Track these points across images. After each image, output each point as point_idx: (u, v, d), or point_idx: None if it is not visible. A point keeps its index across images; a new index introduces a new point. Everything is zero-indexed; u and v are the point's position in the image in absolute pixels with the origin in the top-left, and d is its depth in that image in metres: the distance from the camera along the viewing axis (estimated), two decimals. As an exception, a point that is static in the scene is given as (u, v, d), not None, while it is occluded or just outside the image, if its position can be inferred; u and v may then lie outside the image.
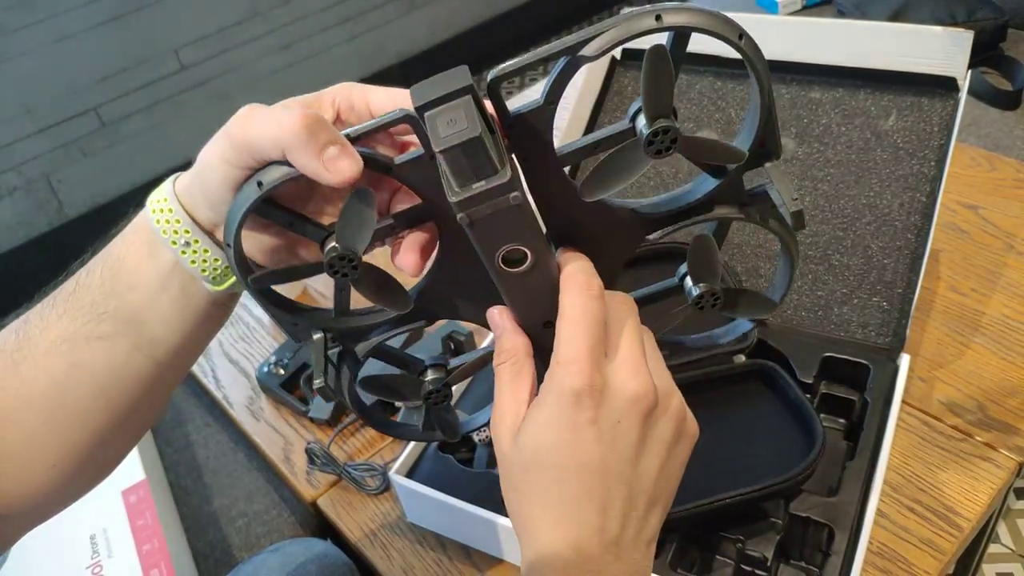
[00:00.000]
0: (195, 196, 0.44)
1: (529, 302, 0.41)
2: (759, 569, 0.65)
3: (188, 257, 0.44)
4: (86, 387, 0.45)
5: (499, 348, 0.41)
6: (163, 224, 0.44)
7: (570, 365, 0.37)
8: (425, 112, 0.35)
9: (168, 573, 0.72)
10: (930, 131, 0.80)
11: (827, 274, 0.80)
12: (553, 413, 0.37)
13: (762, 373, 0.73)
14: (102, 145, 2.34)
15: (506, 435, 0.39)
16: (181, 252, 0.44)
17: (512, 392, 0.40)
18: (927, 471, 0.73)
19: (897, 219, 0.79)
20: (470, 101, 0.35)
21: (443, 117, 0.35)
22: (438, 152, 0.34)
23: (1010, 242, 0.94)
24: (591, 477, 0.37)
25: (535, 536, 0.38)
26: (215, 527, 0.85)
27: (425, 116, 0.35)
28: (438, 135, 0.34)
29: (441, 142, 0.34)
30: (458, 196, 0.35)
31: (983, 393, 0.78)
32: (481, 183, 0.35)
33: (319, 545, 0.78)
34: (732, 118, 0.87)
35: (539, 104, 0.38)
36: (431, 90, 0.35)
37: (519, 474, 0.38)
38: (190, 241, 0.44)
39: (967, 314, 0.86)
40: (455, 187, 0.35)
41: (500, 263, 0.38)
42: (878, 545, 0.68)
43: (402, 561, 0.73)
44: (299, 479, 0.83)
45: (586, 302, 0.39)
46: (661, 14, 0.36)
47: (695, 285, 0.44)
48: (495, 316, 0.42)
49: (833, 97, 0.84)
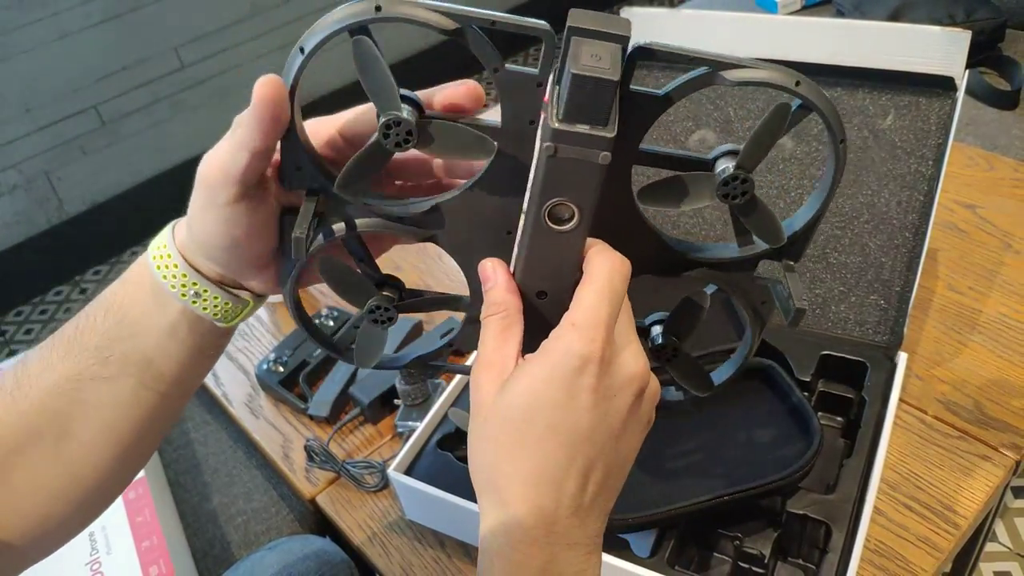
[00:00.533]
0: (193, 251, 0.45)
1: (542, 265, 0.40)
2: (756, 566, 0.65)
3: (199, 306, 0.45)
4: (92, 422, 0.46)
5: (491, 300, 0.41)
6: (170, 279, 0.45)
7: (587, 330, 0.37)
8: (575, 36, 0.35)
9: (167, 570, 0.72)
10: (928, 130, 0.80)
11: (825, 272, 0.81)
12: (555, 371, 0.37)
13: (760, 371, 0.73)
14: (102, 143, 2.34)
15: (490, 385, 0.39)
16: (191, 303, 0.45)
17: (500, 344, 0.40)
18: (924, 469, 0.73)
19: (895, 218, 0.80)
20: (620, 50, 0.35)
21: (590, 48, 0.35)
22: (574, 74, 0.34)
23: (1007, 241, 0.94)
24: (576, 443, 0.38)
25: (504, 492, 0.38)
26: (214, 524, 0.85)
27: (573, 39, 0.35)
28: (579, 61, 0.34)
29: (582, 68, 0.34)
30: (560, 126, 0.35)
31: (980, 391, 0.79)
32: (586, 127, 0.35)
33: (317, 542, 0.78)
34: (730, 117, 0.87)
35: (659, 95, 0.39)
36: (591, 21, 0.35)
37: (499, 424, 0.38)
38: (200, 292, 0.45)
39: (964, 312, 0.86)
40: (560, 115, 0.35)
41: (545, 213, 0.38)
42: (875, 543, 0.68)
43: (401, 558, 0.73)
44: (298, 476, 0.83)
45: (617, 276, 0.39)
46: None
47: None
48: (488, 268, 0.42)
49: (831, 96, 0.84)
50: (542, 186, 0.37)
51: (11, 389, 0.46)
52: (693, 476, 0.68)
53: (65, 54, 2.19)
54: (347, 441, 0.85)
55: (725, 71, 0.38)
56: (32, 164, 2.25)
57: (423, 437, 0.76)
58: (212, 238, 0.43)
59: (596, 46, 0.35)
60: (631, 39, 0.36)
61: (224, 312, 0.46)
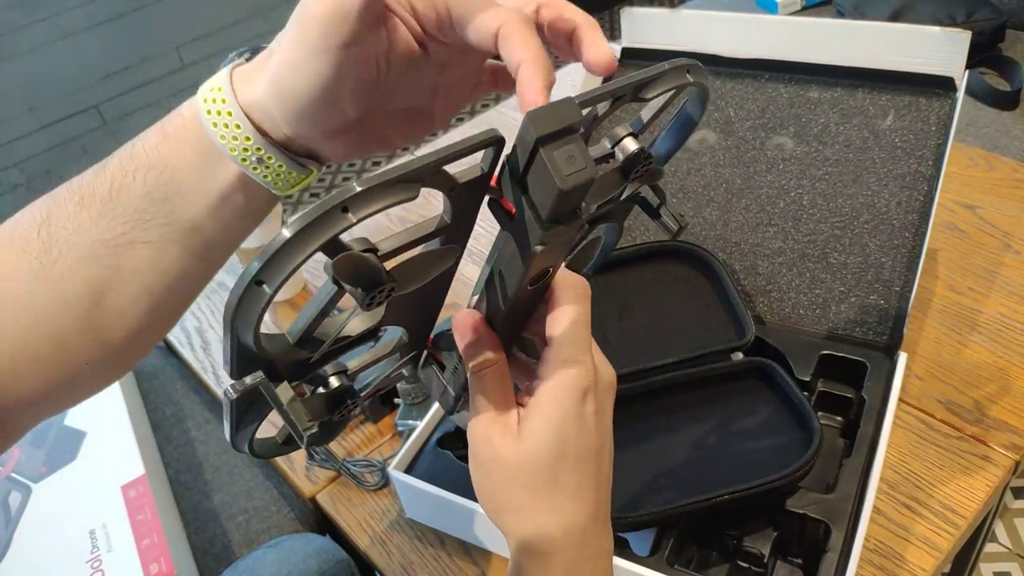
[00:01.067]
0: (268, 111, 0.40)
1: (520, 310, 0.42)
2: (756, 565, 0.65)
3: (260, 173, 0.41)
4: (128, 288, 0.42)
5: (481, 356, 0.41)
6: (229, 140, 0.40)
7: (579, 363, 0.39)
8: (543, 146, 0.34)
9: (167, 568, 0.73)
10: (928, 130, 0.80)
11: (825, 272, 0.81)
12: (565, 409, 0.39)
13: (760, 371, 0.74)
14: (104, 142, 2.34)
15: (503, 437, 0.40)
16: (253, 168, 0.41)
17: (502, 397, 0.41)
18: (924, 469, 0.73)
19: (895, 218, 0.80)
20: (582, 136, 0.35)
21: (561, 153, 0.34)
22: (562, 190, 0.33)
23: (1007, 241, 0.94)
24: (594, 461, 0.40)
25: (546, 528, 0.40)
26: (215, 523, 0.85)
27: (542, 150, 0.34)
28: (561, 173, 0.34)
29: (567, 181, 0.34)
30: (546, 231, 0.35)
31: (980, 391, 0.79)
32: (571, 222, 0.36)
33: (318, 541, 0.78)
34: (730, 117, 0.87)
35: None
36: (549, 120, 0.34)
37: (531, 471, 0.40)
38: (263, 159, 0.41)
39: (964, 313, 0.87)
40: (543, 220, 0.35)
41: (527, 283, 0.39)
42: (874, 542, 0.68)
43: (401, 557, 0.73)
44: (298, 475, 0.83)
45: (584, 299, 0.41)
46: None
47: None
48: (467, 323, 0.41)
49: (831, 96, 0.84)
50: (526, 270, 0.37)
51: (38, 252, 0.42)
52: (693, 475, 0.68)
53: (67, 54, 2.19)
54: (348, 440, 0.85)
55: (642, 91, 0.38)
56: (34, 163, 2.25)
57: (423, 436, 0.77)
58: (311, 90, 0.38)
59: (565, 147, 0.34)
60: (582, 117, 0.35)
61: (285, 180, 0.42)
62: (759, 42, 0.87)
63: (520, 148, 0.35)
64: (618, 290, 0.81)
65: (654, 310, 0.80)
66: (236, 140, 0.40)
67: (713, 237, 0.85)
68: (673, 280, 0.82)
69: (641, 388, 0.73)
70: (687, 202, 0.87)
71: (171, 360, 1.05)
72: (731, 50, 0.89)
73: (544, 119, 0.34)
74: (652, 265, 0.82)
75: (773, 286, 0.82)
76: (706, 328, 0.78)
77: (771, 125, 0.86)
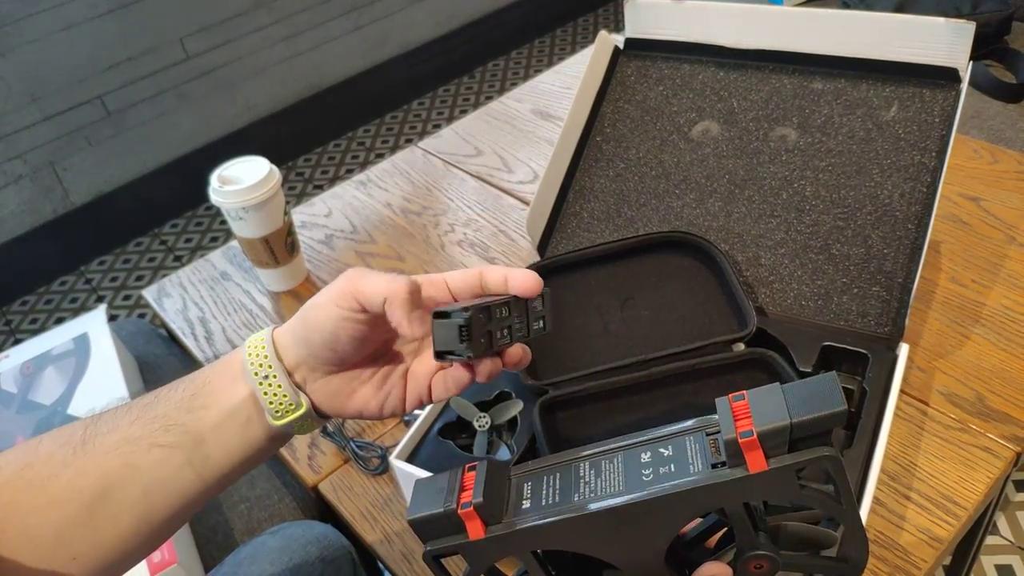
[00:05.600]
0: (287, 335, 0.50)
1: None
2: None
3: (263, 389, 0.49)
4: (131, 488, 0.48)
5: None
6: (251, 358, 0.49)
7: None
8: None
9: (170, 556, 0.73)
10: (931, 122, 0.80)
11: (827, 263, 0.81)
12: None
13: (761, 362, 0.73)
14: (107, 134, 2.34)
15: None
16: (258, 383, 0.49)
17: None
18: (925, 460, 0.73)
19: (898, 209, 0.79)
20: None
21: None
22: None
23: (1011, 234, 0.94)
24: None
25: None
26: (217, 511, 0.86)
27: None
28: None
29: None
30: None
31: (982, 383, 0.79)
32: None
33: (319, 528, 0.78)
34: (734, 108, 0.87)
35: None
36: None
37: None
38: (268, 375, 0.49)
39: (967, 305, 0.86)
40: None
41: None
42: (875, 533, 0.68)
43: (402, 545, 0.74)
44: (301, 464, 0.83)
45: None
46: None
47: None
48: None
49: (835, 87, 0.84)
50: None
51: (76, 445, 0.48)
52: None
53: (71, 44, 2.19)
54: (357, 421, 0.85)
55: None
56: (38, 154, 2.26)
57: (425, 425, 0.77)
58: (328, 321, 0.47)
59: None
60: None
61: (279, 406, 0.49)
62: (763, 33, 0.87)
63: None
64: (620, 280, 0.81)
65: (656, 300, 0.80)
66: (256, 358, 0.50)
67: (715, 228, 0.85)
68: (675, 271, 0.82)
69: (643, 378, 0.73)
70: (690, 193, 0.87)
71: (174, 350, 1.05)
72: (735, 40, 0.88)
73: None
74: (654, 256, 0.82)
75: (775, 277, 0.82)
76: (708, 319, 0.78)
77: (774, 116, 0.85)
